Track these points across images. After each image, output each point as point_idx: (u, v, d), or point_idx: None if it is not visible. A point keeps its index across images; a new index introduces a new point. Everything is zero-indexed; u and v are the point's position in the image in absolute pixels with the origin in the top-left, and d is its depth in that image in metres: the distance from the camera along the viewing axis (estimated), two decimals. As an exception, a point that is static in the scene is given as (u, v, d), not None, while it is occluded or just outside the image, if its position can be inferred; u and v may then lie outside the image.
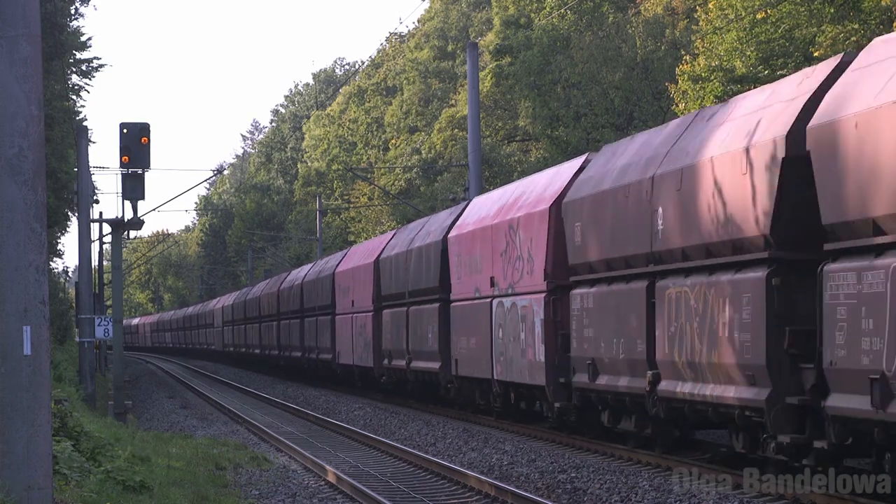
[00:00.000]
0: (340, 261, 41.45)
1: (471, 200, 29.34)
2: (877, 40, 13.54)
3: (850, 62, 13.73)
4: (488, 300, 24.60)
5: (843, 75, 13.62)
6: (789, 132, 14.02)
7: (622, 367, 18.15)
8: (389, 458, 20.94)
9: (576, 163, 21.98)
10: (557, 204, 21.13)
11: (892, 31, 26.78)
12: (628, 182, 17.98)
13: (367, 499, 15.69)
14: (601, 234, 18.95)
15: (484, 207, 26.34)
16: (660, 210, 16.84)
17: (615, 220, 18.42)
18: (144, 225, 55.02)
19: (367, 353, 35.20)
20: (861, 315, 12.34)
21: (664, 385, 16.75)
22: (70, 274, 74.23)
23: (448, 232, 28.01)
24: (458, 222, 27.70)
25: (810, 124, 13.54)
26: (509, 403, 24.52)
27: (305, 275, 47.55)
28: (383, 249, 34.97)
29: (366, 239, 58.85)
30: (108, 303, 55.48)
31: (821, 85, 14.15)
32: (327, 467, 18.54)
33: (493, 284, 24.35)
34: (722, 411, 15.56)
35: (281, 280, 53.97)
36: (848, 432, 12.97)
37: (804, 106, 14.13)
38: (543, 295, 21.56)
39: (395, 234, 36.24)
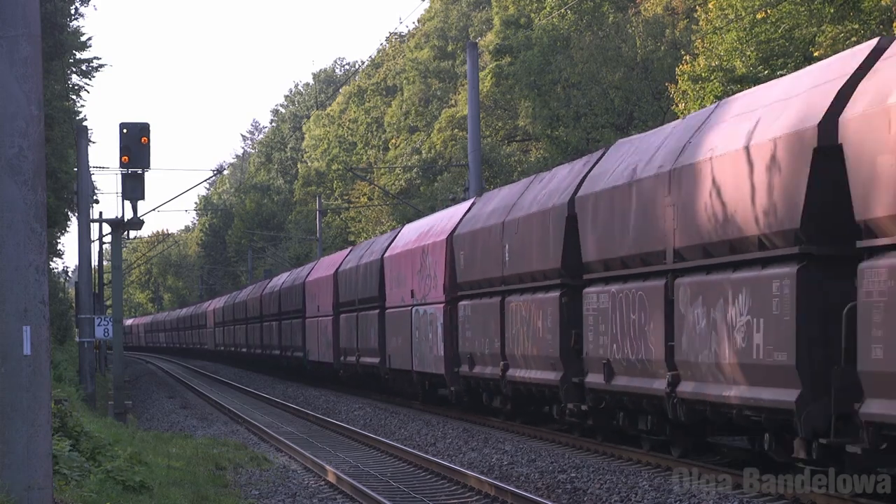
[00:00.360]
0: (310, 271, 46.85)
1: (404, 226, 35.14)
2: None
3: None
4: (409, 308, 30.51)
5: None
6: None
7: (489, 359, 24.49)
8: (389, 458, 20.94)
9: (466, 204, 28.67)
10: (450, 236, 27.32)
11: (893, 31, 26.78)
12: (491, 224, 24.57)
13: (367, 499, 15.69)
14: (474, 261, 25.50)
15: (411, 233, 32.35)
16: (507, 246, 23.35)
17: (483, 251, 24.91)
18: (144, 225, 55.11)
19: (328, 351, 40.87)
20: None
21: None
22: (70, 274, 74.22)
23: (385, 252, 33.87)
24: (393, 244, 33.67)
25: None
26: (425, 390, 30.70)
27: (283, 282, 52.39)
28: (341, 263, 40.76)
29: (365, 239, 58.90)
30: (108, 303, 55.50)
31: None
32: (327, 467, 18.54)
33: (412, 296, 30.27)
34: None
35: (263, 286, 58.59)
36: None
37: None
38: (442, 305, 27.56)
39: (351, 250, 42.07)
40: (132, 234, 38.56)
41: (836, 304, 13.00)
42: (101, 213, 59.62)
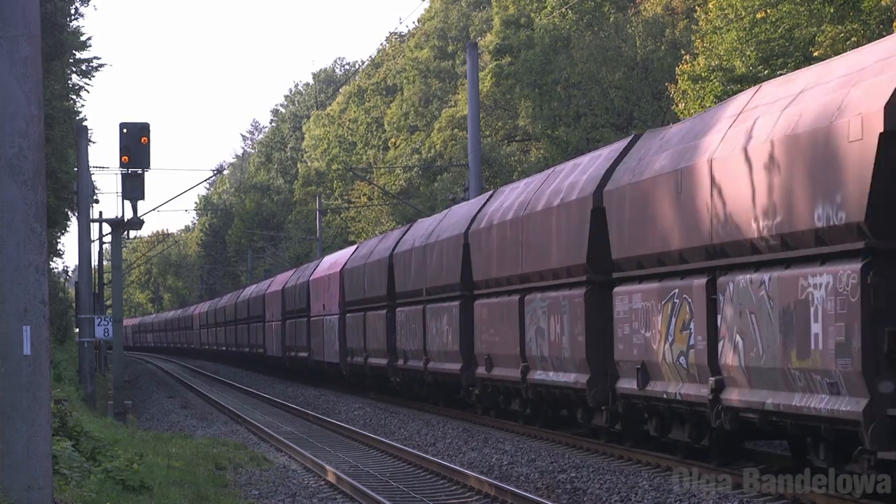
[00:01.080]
0: (269, 284, 57.38)
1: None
2: None
3: None
4: (336, 316, 39.43)
5: None
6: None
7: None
8: (389, 458, 20.94)
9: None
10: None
11: (893, 31, 26.77)
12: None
13: (367, 499, 15.69)
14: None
15: (327, 263, 43.40)
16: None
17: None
18: (144, 225, 55.13)
19: (278, 348, 51.44)
20: None
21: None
22: (70, 274, 74.16)
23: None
24: (316, 269, 44.74)
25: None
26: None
27: (250, 293, 63.35)
28: (287, 281, 51.06)
29: (365, 239, 58.96)
30: (108, 303, 55.49)
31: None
32: (327, 467, 18.54)
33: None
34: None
35: (237, 295, 70.17)
36: None
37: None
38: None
39: (294, 271, 51.95)
40: (132, 234, 38.58)
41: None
42: (101, 213, 59.51)
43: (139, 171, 28.04)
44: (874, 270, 12.31)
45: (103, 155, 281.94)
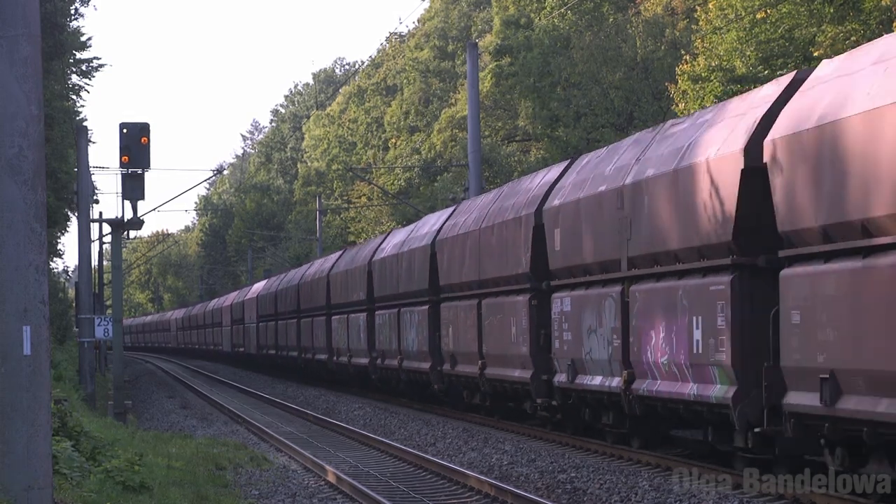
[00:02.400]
0: (234, 297, 68.44)
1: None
2: None
3: None
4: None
5: None
6: None
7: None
8: (389, 458, 20.93)
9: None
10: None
11: (893, 31, 26.78)
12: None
13: (367, 499, 15.69)
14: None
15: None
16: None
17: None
18: (144, 225, 55.17)
19: (252, 345, 59.76)
20: None
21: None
22: (70, 274, 74.16)
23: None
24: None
25: None
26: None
27: (223, 302, 74.40)
28: (261, 289, 57.98)
29: (365, 239, 58.95)
30: (108, 303, 55.46)
31: None
32: (327, 467, 18.54)
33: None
34: None
35: (206, 304, 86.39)
36: None
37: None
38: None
39: (274, 278, 58.93)
40: (132, 234, 38.54)
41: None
42: (101, 213, 59.54)
43: (139, 171, 28.03)
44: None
45: (103, 155, 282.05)
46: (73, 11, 38.58)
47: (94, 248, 49.61)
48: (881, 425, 12.14)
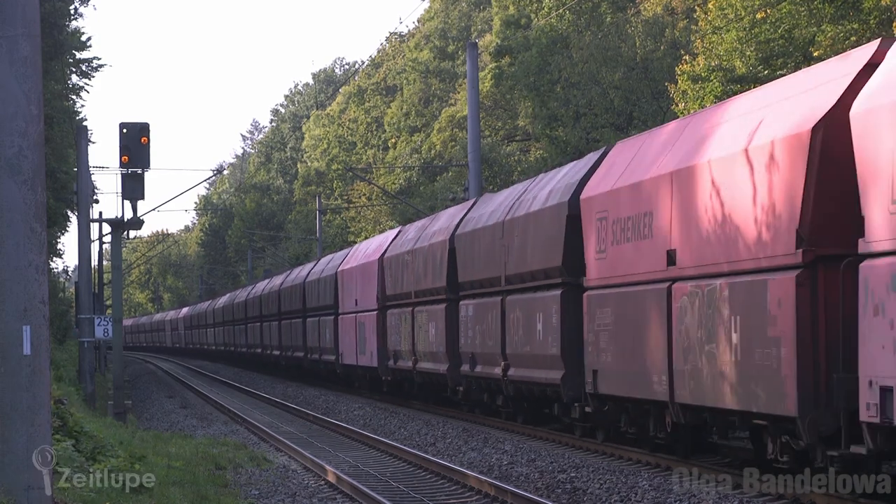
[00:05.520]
0: (212, 304, 75.53)
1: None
2: None
3: None
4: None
5: None
6: None
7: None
8: (389, 458, 20.93)
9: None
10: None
11: (892, 30, 26.78)
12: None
13: (367, 499, 15.69)
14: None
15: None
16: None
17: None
18: (144, 225, 55.24)
19: (232, 343, 67.47)
20: None
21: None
22: (70, 274, 74.17)
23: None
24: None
25: None
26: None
27: (203, 307, 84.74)
28: (245, 293, 65.51)
29: (365, 238, 58.94)
30: (108, 303, 55.45)
31: None
32: (327, 467, 18.54)
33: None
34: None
35: (193, 307, 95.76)
36: None
37: None
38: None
39: (258, 283, 65.02)
40: (132, 233, 38.56)
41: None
42: (101, 213, 59.38)
43: (139, 171, 28.02)
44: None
45: (103, 155, 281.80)
46: (72, 11, 38.58)
47: (94, 248, 49.62)
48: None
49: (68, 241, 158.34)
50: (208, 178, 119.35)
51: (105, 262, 78.24)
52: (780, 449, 14.17)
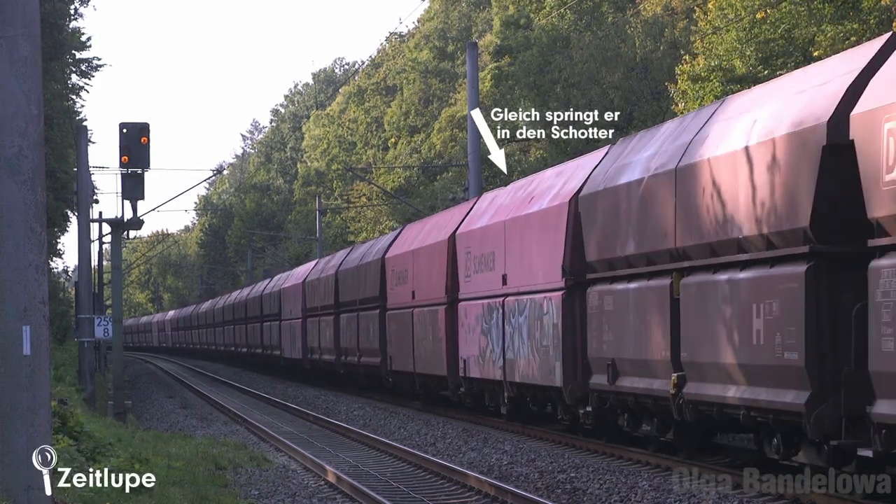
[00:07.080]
0: (197, 308, 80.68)
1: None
2: None
3: None
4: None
5: None
6: None
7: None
8: (389, 458, 20.93)
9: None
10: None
11: (892, 30, 26.79)
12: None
13: (367, 499, 15.69)
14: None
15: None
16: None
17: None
18: (144, 225, 55.22)
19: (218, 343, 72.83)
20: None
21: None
22: (70, 274, 74.17)
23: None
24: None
25: None
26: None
27: (187, 311, 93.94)
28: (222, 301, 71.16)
29: (365, 239, 58.96)
30: (108, 303, 55.45)
31: None
32: (327, 467, 18.54)
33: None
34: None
35: (179, 310, 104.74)
36: None
37: None
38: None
39: (242, 289, 69.11)
40: (132, 233, 38.58)
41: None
42: (101, 213, 59.38)
43: (139, 171, 28.01)
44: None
45: (103, 155, 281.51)
46: (72, 11, 38.59)
47: (94, 248, 49.64)
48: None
49: (68, 241, 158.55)
50: (208, 178, 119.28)
51: (105, 262, 78.26)
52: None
